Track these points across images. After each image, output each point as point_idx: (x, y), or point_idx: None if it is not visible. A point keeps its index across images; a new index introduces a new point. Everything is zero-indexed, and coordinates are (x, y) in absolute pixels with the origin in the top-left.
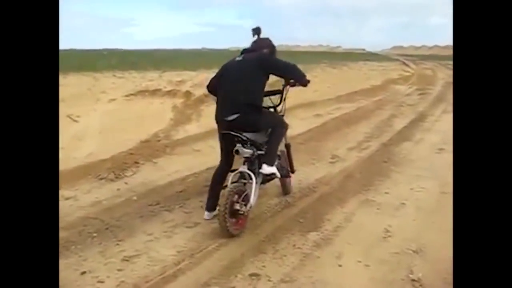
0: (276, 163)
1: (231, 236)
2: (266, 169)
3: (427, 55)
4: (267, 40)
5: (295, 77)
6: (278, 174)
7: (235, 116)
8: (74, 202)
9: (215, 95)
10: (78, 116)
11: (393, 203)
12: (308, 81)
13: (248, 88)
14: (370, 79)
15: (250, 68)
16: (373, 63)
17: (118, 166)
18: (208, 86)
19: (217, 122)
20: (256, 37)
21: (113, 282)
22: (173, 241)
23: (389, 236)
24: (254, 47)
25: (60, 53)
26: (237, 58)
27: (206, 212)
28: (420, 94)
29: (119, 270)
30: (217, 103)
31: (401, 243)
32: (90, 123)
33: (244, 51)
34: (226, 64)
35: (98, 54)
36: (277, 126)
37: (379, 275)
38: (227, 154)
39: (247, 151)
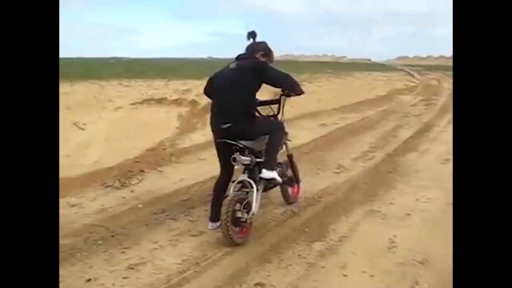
0: (277, 170)
1: (235, 244)
2: (266, 173)
3: (432, 66)
4: (262, 44)
5: (287, 88)
6: (278, 179)
7: (228, 125)
8: (80, 209)
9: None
10: (84, 124)
11: (398, 213)
12: (302, 92)
13: (241, 98)
14: (375, 89)
15: (243, 77)
16: (378, 73)
17: (123, 174)
18: (205, 91)
19: (212, 131)
20: (251, 40)
21: None
22: (178, 249)
23: (394, 246)
24: (248, 53)
25: (67, 61)
26: (231, 66)
27: (210, 223)
28: (426, 104)
29: (124, 278)
30: (211, 111)
31: (406, 253)
32: (96, 131)
33: (239, 57)
34: (219, 72)
35: (104, 63)
36: (274, 131)
37: (384, 286)
38: (226, 163)
39: (245, 159)
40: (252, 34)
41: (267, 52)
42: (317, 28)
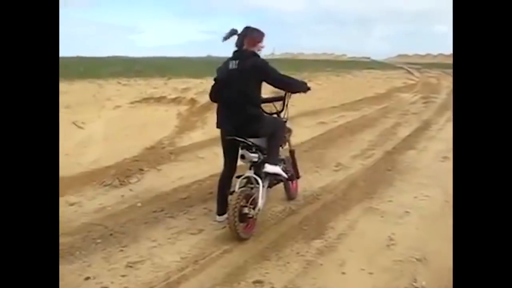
0: (281, 166)
1: (241, 240)
2: (269, 168)
3: (432, 63)
4: (247, 34)
5: (287, 88)
6: (282, 174)
7: (236, 127)
8: (79, 208)
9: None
10: (83, 123)
11: (397, 211)
12: (305, 90)
13: (245, 98)
14: (374, 87)
15: (245, 77)
16: (377, 71)
17: (122, 173)
18: (210, 96)
19: (219, 129)
20: (235, 36)
21: None
22: (177, 247)
23: (393, 244)
24: (241, 51)
25: (65, 60)
26: (231, 66)
27: (217, 216)
28: (425, 102)
29: (122, 276)
30: (217, 112)
31: (405, 251)
32: (95, 130)
33: (235, 54)
34: (220, 72)
35: (103, 61)
36: (277, 129)
37: (382, 283)
38: (232, 159)
39: (253, 156)
40: (232, 33)
41: (254, 38)
42: (316, 26)
